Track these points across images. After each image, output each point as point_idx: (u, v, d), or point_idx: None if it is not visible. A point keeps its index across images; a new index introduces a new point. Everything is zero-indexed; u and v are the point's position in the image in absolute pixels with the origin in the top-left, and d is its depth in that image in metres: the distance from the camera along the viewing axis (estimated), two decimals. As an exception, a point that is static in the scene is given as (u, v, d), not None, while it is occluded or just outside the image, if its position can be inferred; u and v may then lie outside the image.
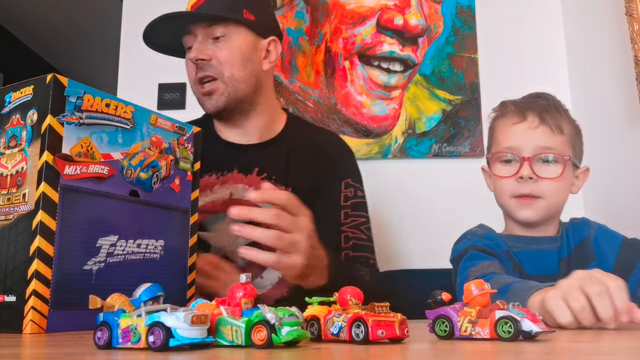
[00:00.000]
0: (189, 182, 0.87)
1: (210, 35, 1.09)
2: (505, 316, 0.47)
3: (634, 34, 1.41)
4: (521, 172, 0.96)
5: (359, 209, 1.14)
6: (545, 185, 0.97)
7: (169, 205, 0.82)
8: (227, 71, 1.09)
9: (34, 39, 3.83)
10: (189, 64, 1.12)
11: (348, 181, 1.15)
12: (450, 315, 0.50)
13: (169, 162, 0.83)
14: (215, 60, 1.08)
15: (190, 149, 0.88)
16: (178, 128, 0.86)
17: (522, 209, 0.98)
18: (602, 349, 0.44)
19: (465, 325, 0.49)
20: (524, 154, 0.97)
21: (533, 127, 0.99)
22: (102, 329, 0.46)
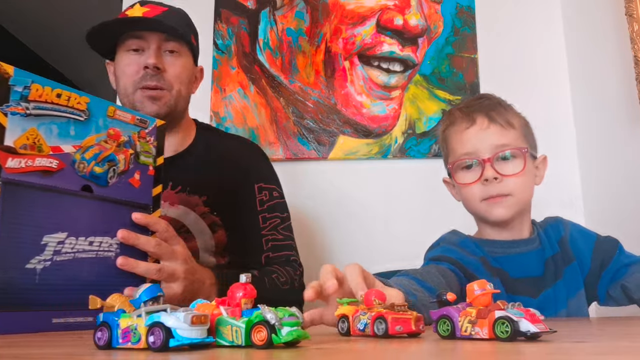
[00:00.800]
0: (150, 176, 0.83)
1: (165, 47, 1.12)
2: (503, 316, 0.47)
3: (634, 34, 1.41)
4: (485, 174, 0.96)
5: (275, 210, 1.18)
6: (511, 182, 0.96)
7: (127, 201, 0.79)
8: (176, 86, 1.13)
9: (34, 38, 3.83)
10: (132, 65, 1.11)
11: (261, 185, 1.19)
12: (451, 315, 0.51)
13: (128, 156, 0.79)
14: (167, 73, 1.11)
15: (153, 142, 0.84)
16: (139, 121, 0.82)
17: (493, 208, 0.98)
18: (602, 349, 0.44)
19: (465, 325, 0.50)
20: (483, 155, 0.97)
21: (484, 127, 0.99)
22: (102, 329, 0.46)
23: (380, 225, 1.76)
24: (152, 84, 1.09)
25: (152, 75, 1.09)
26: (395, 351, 0.46)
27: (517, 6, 1.90)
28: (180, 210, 1.14)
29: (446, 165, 1.08)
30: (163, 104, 1.11)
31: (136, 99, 1.11)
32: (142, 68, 1.09)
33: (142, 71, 1.10)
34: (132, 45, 1.12)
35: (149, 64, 1.09)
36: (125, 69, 1.12)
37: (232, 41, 1.89)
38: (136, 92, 1.11)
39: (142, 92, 1.10)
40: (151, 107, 1.10)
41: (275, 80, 1.86)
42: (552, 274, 1.01)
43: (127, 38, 1.12)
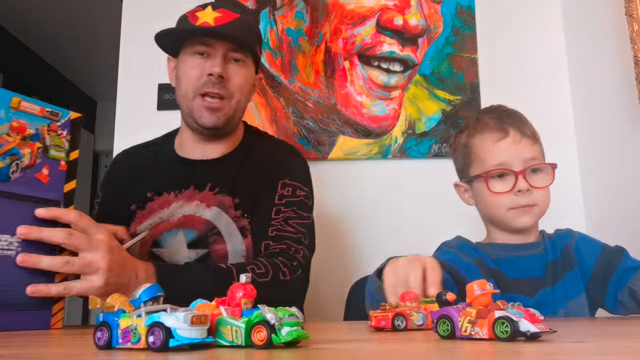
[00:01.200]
0: (61, 172, 0.80)
1: (231, 55, 1.10)
2: (502, 316, 0.48)
3: (634, 34, 1.41)
4: (519, 186, 1.00)
5: (293, 205, 1.11)
6: (538, 194, 1.02)
7: (33, 197, 0.76)
8: (237, 95, 1.11)
9: (34, 38, 3.83)
10: (196, 69, 1.10)
11: (285, 181, 1.13)
12: (451, 315, 0.51)
13: (35, 150, 0.76)
14: (230, 82, 1.10)
15: (66, 136, 0.80)
16: (49, 113, 0.78)
17: (519, 216, 1.02)
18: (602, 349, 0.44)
19: (465, 325, 0.50)
20: (516, 168, 1.01)
21: (517, 141, 1.03)
22: (102, 329, 0.46)
23: (379, 225, 1.76)
24: (214, 91, 1.08)
25: (215, 83, 1.08)
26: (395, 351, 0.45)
27: (517, 6, 1.90)
28: (214, 212, 1.12)
29: (464, 172, 1.11)
30: (222, 115, 1.10)
31: (195, 105, 1.11)
32: (206, 74, 1.08)
33: (205, 77, 1.08)
34: (199, 49, 1.10)
35: (214, 72, 1.07)
36: (189, 72, 1.11)
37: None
38: (196, 99, 1.10)
39: (201, 100, 1.09)
40: (209, 117, 1.10)
41: (275, 80, 1.86)
42: (551, 276, 1.05)
43: (195, 41, 1.11)
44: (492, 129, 1.05)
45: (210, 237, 1.12)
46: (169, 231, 1.13)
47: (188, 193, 1.14)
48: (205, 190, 1.13)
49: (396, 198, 1.78)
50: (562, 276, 1.05)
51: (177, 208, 1.14)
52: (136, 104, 1.87)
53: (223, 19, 1.08)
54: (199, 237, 1.11)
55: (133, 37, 1.94)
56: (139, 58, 1.91)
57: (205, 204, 1.12)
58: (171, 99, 1.87)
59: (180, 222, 1.13)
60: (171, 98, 1.87)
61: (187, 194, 1.14)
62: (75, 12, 3.47)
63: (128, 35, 1.95)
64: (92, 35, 3.71)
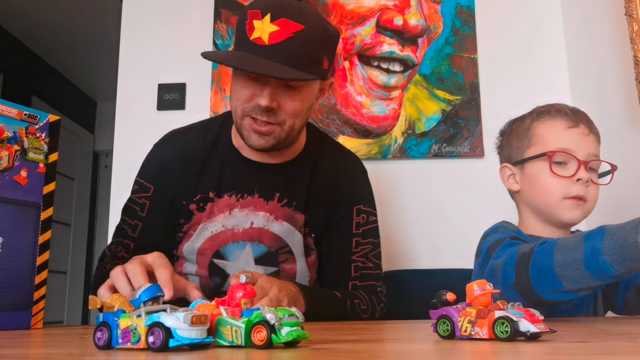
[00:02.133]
0: (40, 174, 0.80)
1: (285, 82, 0.98)
2: (502, 316, 0.47)
3: (634, 34, 1.41)
4: (580, 174, 0.98)
5: (369, 235, 1.12)
6: (593, 190, 1.01)
7: (10, 199, 0.76)
8: (289, 121, 1.01)
9: (34, 39, 3.83)
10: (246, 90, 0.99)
11: (360, 207, 1.13)
12: (451, 316, 0.51)
13: (13, 153, 0.76)
14: (281, 110, 0.99)
15: (44, 138, 0.81)
16: (27, 116, 0.79)
17: (572, 209, 0.99)
18: (602, 349, 0.44)
19: (465, 326, 0.50)
20: (580, 157, 0.99)
21: (585, 133, 1.02)
22: (101, 329, 0.46)
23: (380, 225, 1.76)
24: (262, 119, 0.98)
25: (263, 110, 0.98)
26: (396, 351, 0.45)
27: (516, 6, 1.90)
28: (285, 228, 1.07)
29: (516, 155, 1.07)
30: (271, 138, 1.01)
31: (244, 125, 1.01)
32: (255, 101, 0.98)
33: (254, 102, 0.98)
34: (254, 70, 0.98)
35: (261, 105, 0.96)
36: (239, 91, 1.00)
37: (232, 41, 1.88)
38: (245, 119, 1.00)
39: (250, 121, 1.00)
40: (257, 140, 1.01)
41: (275, 80, 1.86)
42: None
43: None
44: (565, 116, 1.03)
45: (281, 255, 1.08)
46: (236, 243, 1.07)
47: (252, 201, 1.07)
48: (273, 201, 1.07)
49: (396, 198, 1.78)
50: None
51: (243, 217, 1.07)
52: (136, 104, 1.87)
53: (281, 34, 0.93)
54: (269, 254, 1.07)
55: (133, 37, 1.94)
56: (139, 58, 1.91)
57: (274, 216, 1.07)
58: (171, 99, 1.87)
59: (249, 235, 1.07)
60: (171, 98, 1.87)
61: (251, 202, 1.07)
62: (75, 12, 3.47)
63: (128, 35, 1.95)
64: (92, 35, 3.71)
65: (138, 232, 1.08)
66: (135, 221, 1.08)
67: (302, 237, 1.09)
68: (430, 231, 1.74)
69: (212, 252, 1.07)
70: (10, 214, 0.76)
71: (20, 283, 0.77)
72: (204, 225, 1.07)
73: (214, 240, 1.07)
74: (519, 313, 0.48)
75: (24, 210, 0.78)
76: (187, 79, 1.89)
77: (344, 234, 1.10)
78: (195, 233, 1.07)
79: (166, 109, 1.85)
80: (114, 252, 1.07)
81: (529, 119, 1.08)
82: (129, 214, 1.09)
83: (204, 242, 1.07)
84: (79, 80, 4.49)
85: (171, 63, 1.91)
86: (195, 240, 1.07)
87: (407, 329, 0.70)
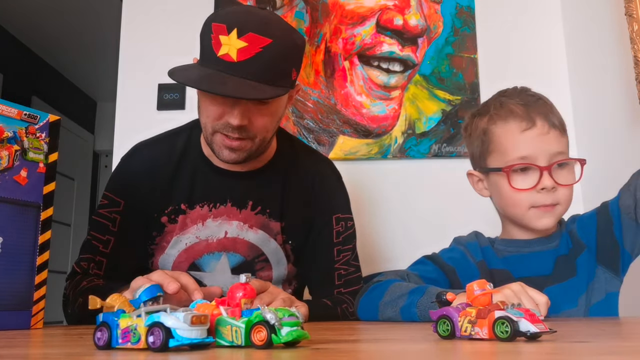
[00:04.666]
0: (40, 174, 0.80)
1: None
2: (502, 316, 0.47)
3: (634, 34, 1.41)
4: (543, 183, 0.92)
5: (348, 242, 1.13)
6: (563, 192, 0.95)
7: (10, 199, 0.76)
8: (260, 135, 1.00)
9: (34, 39, 3.83)
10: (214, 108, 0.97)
11: (339, 215, 1.14)
12: (451, 316, 0.51)
13: (13, 153, 0.76)
14: (252, 126, 0.98)
15: (44, 138, 0.81)
16: (27, 116, 0.79)
17: (541, 217, 0.95)
18: (602, 349, 0.44)
19: (465, 326, 0.50)
20: (541, 163, 0.93)
21: (544, 132, 0.94)
22: (101, 329, 0.46)
23: (379, 225, 1.76)
24: (233, 135, 0.97)
25: (234, 128, 0.96)
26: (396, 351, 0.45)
27: (516, 6, 1.90)
28: (260, 236, 1.07)
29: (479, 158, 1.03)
30: (243, 153, 1.00)
31: (215, 140, 1.00)
32: (225, 119, 0.96)
33: (224, 120, 0.96)
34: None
35: (233, 124, 0.95)
36: (208, 109, 0.98)
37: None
38: (215, 135, 0.99)
39: (221, 137, 0.98)
40: (229, 155, 0.99)
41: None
42: (562, 272, 0.99)
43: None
44: (518, 117, 0.95)
45: (257, 264, 1.09)
46: (211, 254, 1.07)
47: (225, 210, 1.06)
48: (246, 209, 1.07)
49: (396, 198, 1.78)
50: (575, 268, 0.98)
51: (216, 227, 1.06)
52: (136, 104, 1.87)
53: (249, 50, 0.90)
54: (246, 263, 1.08)
55: (133, 37, 1.94)
56: (139, 58, 1.91)
57: (248, 225, 1.07)
58: (171, 99, 1.87)
59: (223, 245, 1.07)
60: (171, 98, 1.87)
61: (224, 211, 1.06)
62: (76, 12, 3.47)
63: (128, 35, 1.95)
64: (92, 35, 3.71)
65: (110, 247, 1.05)
66: (107, 236, 1.05)
67: (278, 245, 1.09)
68: (430, 231, 1.74)
69: (187, 264, 1.07)
70: (10, 214, 0.76)
71: (20, 283, 0.77)
72: (178, 237, 1.06)
73: (188, 252, 1.07)
74: (519, 313, 0.47)
75: (24, 210, 0.77)
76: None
77: (325, 244, 1.12)
78: (170, 245, 1.06)
79: (166, 109, 1.85)
80: (85, 269, 1.03)
81: (485, 119, 1.01)
82: (99, 229, 1.05)
83: (179, 255, 1.07)
84: (79, 80, 4.49)
85: (171, 63, 1.90)
86: (170, 253, 1.07)
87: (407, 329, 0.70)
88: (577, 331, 0.62)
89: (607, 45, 1.61)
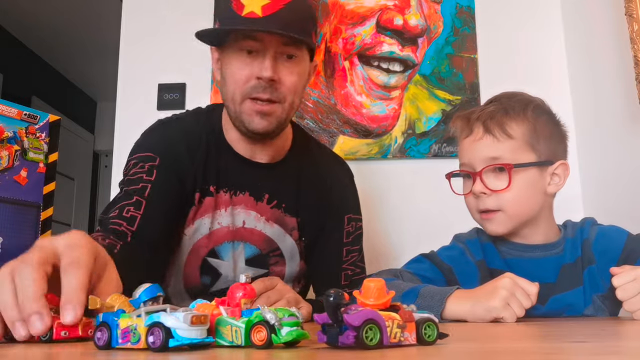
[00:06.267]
0: (40, 174, 0.80)
1: (283, 50, 0.96)
2: (427, 319, 0.44)
3: (634, 34, 1.40)
4: (474, 189, 0.94)
5: (356, 242, 1.14)
6: (502, 197, 0.93)
7: (11, 199, 0.76)
8: (289, 97, 0.98)
9: (34, 39, 3.83)
10: (244, 71, 0.96)
11: (350, 215, 1.14)
12: (379, 320, 0.43)
13: (13, 153, 0.76)
14: (282, 84, 0.97)
15: (44, 138, 0.81)
16: (27, 116, 0.79)
17: (486, 224, 0.97)
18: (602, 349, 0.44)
19: (395, 331, 0.44)
20: (477, 168, 0.95)
21: (478, 138, 0.95)
22: (101, 329, 0.46)
23: (379, 225, 1.76)
24: (264, 96, 0.96)
25: (265, 87, 0.95)
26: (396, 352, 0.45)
27: (516, 6, 1.90)
28: (276, 230, 1.07)
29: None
30: (274, 119, 0.98)
31: (244, 110, 0.98)
32: (255, 77, 0.95)
33: (254, 80, 0.96)
34: (247, 45, 0.96)
35: (264, 76, 0.94)
36: (236, 74, 0.97)
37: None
38: (244, 102, 0.97)
39: (251, 103, 0.97)
40: (260, 122, 0.98)
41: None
42: (568, 281, 0.97)
43: (241, 36, 0.95)
44: (460, 127, 0.99)
45: (271, 258, 1.08)
46: (231, 242, 1.06)
47: (244, 199, 1.05)
48: (262, 202, 1.06)
49: (396, 198, 1.78)
50: (582, 277, 0.96)
51: (237, 215, 1.05)
52: (136, 104, 1.87)
53: (272, 5, 0.92)
54: (260, 256, 1.07)
55: (133, 37, 1.94)
56: (139, 58, 1.91)
57: (265, 218, 1.06)
58: (171, 99, 1.87)
59: (241, 235, 1.06)
60: (171, 98, 1.87)
61: (242, 200, 1.05)
62: (76, 12, 3.47)
63: (128, 35, 1.95)
64: (92, 35, 3.71)
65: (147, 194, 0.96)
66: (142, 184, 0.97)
67: (293, 241, 1.09)
68: (430, 231, 1.74)
69: (207, 250, 1.05)
70: (10, 214, 0.76)
71: None
72: (201, 219, 1.03)
73: (211, 237, 1.04)
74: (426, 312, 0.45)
75: (24, 210, 0.77)
76: (187, 79, 1.89)
77: (335, 243, 1.12)
78: (193, 228, 1.03)
79: (166, 109, 1.85)
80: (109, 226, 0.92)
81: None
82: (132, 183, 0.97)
83: (200, 239, 1.04)
84: (79, 80, 4.49)
85: (171, 63, 1.91)
86: (192, 237, 1.04)
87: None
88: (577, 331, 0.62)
89: (607, 45, 1.60)
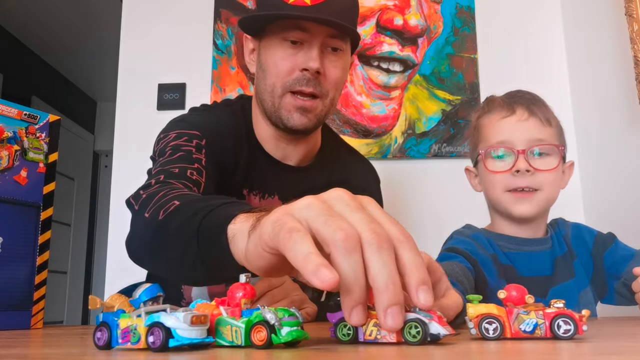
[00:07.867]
0: (40, 174, 0.80)
1: (328, 43, 0.93)
2: (413, 319, 0.43)
3: (634, 34, 1.41)
4: (517, 165, 0.94)
5: None
6: (543, 177, 0.95)
7: (10, 200, 0.76)
8: (332, 92, 0.95)
9: (34, 39, 3.83)
10: (287, 62, 0.92)
11: None
12: None
13: (13, 153, 0.77)
14: (325, 79, 0.93)
15: (44, 138, 0.81)
16: (27, 116, 0.79)
17: (518, 203, 0.96)
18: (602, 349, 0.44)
19: (370, 329, 0.45)
20: (517, 147, 0.95)
21: (523, 119, 0.97)
22: (101, 329, 0.46)
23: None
24: (307, 89, 0.92)
25: (309, 79, 0.92)
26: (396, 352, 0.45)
27: (517, 6, 1.90)
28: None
29: (473, 154, 1.07)
30: (314, 116, 0.95)
31: (284, 104, 0.94)
32: (300, 69, 0.92)
33: (297, 72, 0.92)
34: (292, 36, 0.92)
35: (311, 67, 0.91)
36: (279, 64, 0.93)
37: (232, 41, 1.88)
38: (285, 96, 0.94)
39: (292, 98, 0.93)
40: (300, 119, 0.94)
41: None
42: (562, 273, 1.00)
43: (287, 25, 0.91)
44: (499, 107, 1.00)
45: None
46: None
47: (272, 202, 1.00)
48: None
49: (396, 198, 1.78)
50: (573, 270, 1.00)
51: None
52: (136, 104, 1.87)
53: None
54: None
55: (133, 37, 1.94)
56: (139, 58, 1.91)
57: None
58: (171, 99, 1.87)
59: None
60: (171, 98, 1.87)
61: (271, 203, 0.99)
62: (76, 12, 3.47)
63: (128, 35, 1.95)
64: (92, 35, 3.71)
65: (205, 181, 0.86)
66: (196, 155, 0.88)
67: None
68: (430, 231, 1.74)
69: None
70: (10, 214, 0.76)
71: (20, 283, 0.77)
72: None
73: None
74: (428, 315, 0.44)
75: (24, 210, 0.78)
76: (187, 79, 1.89)
77: None
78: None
79: (166, 109, 1.85)
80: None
81: (476, 115, 1.07)
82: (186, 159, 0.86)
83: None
84: (79, 80, 4.49)
85: (171, 63, 1.91)
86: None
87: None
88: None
89: (607, 45, 1.61)
